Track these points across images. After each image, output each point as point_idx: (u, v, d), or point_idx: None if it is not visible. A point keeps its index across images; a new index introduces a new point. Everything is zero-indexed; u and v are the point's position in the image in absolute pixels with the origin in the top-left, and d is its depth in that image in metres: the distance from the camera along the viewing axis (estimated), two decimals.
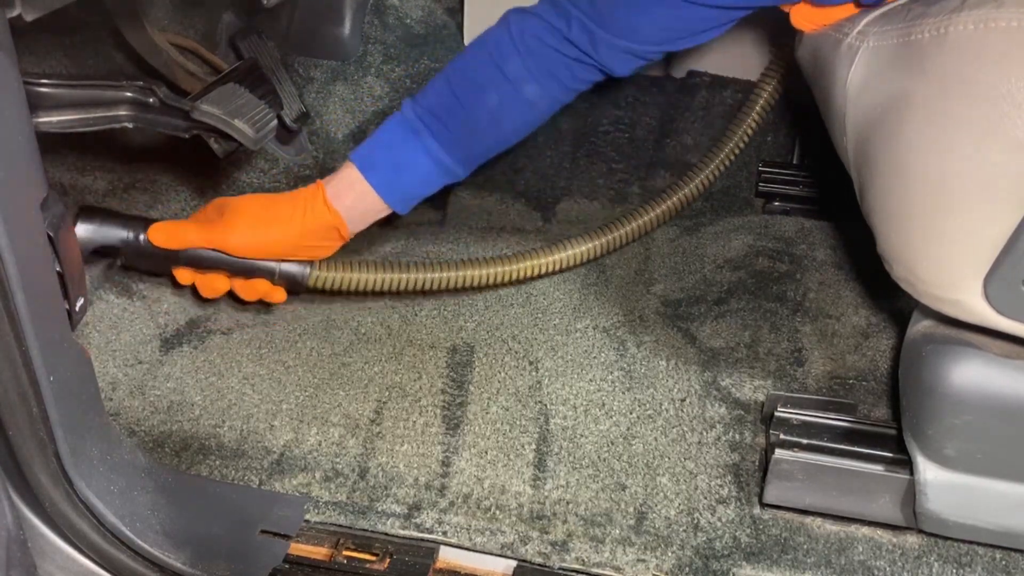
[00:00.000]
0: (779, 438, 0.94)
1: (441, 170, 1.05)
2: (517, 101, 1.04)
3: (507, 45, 1.02)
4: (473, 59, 1.04)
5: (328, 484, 0.97)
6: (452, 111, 1.03)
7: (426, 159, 1.04)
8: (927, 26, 0.79)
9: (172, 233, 1.02)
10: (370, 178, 1.04)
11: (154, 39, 1.24)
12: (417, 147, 1.04)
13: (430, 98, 1.04)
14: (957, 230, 0.79)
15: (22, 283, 0.69)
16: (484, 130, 1.05)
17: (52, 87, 0.94)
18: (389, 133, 1.05)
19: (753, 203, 1.35)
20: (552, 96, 1.05)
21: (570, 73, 1.03)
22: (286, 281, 1.07)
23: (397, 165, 1.04)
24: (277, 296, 1.09)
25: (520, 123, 1.07)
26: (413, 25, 1.57)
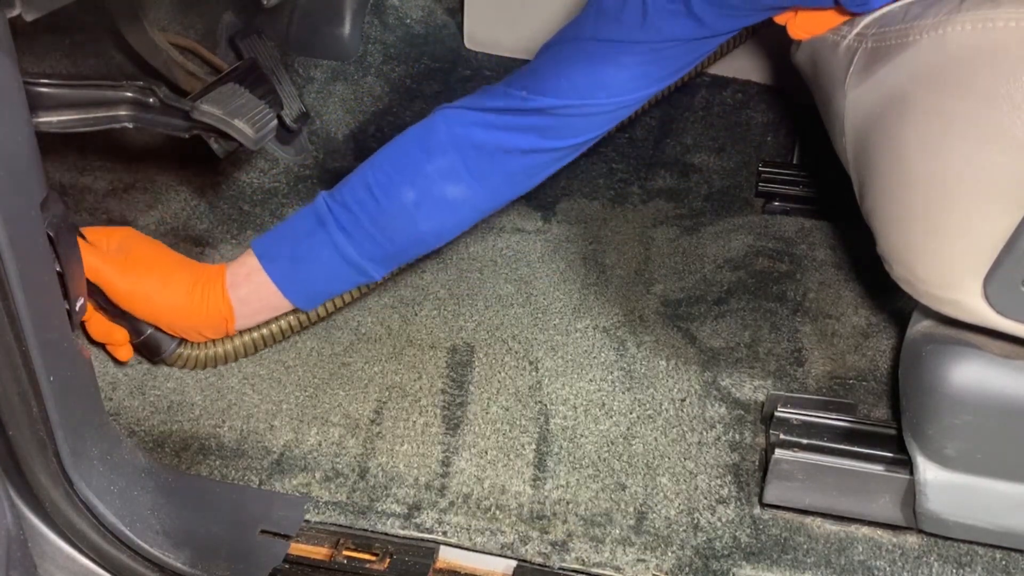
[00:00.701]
0: (779, 438, 0.94)
1: (350, 267, 0.97)
2: (437, 201, 0.96)
3: (434, 141, 0.95)
4: (395, 153, 0.97)
5: (328, 484, 0.97)
6: (365, 205, 0.95)
7: (331, 253, 0.96)
8: (925, 27, 0.79)
9: None
10: (268, 269, 0.96)
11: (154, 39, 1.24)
12: (323, 240, 0.96)
13: (344, 191, 0.96)
14: (957, 230, 0.79)
15: (22, 283, 0.69)
16: (398, 229, 0.96)
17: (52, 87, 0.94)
18: (296, 223, 0.98)
19: (753, 203, 1.35)
20: (476, 202, 0.98)
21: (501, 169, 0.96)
22: (147, 348, 1.00)
23: (299, 257, 0.97)
24: (122, 354, 1.00)
25: (439, 226, 0.98)
26: (413, 25, 1.57)
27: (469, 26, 1.54)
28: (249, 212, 1.30)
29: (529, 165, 0.98)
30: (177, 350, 1.02)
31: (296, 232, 0.98)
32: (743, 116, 1.46)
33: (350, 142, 1.43)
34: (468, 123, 0.95)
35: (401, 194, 0.95)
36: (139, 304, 0.95)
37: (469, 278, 1.21)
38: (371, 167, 0.97)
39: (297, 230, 0.98)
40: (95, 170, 1.32)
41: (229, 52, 1.37)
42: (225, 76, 1.11)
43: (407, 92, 1.49)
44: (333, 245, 0.96)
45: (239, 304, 0.98)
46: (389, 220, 0.96)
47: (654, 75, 0.94)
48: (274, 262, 0.97)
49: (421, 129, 0.97)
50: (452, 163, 0.95)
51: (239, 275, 0.97)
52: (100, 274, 0.93)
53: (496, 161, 0.96)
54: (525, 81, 0.95)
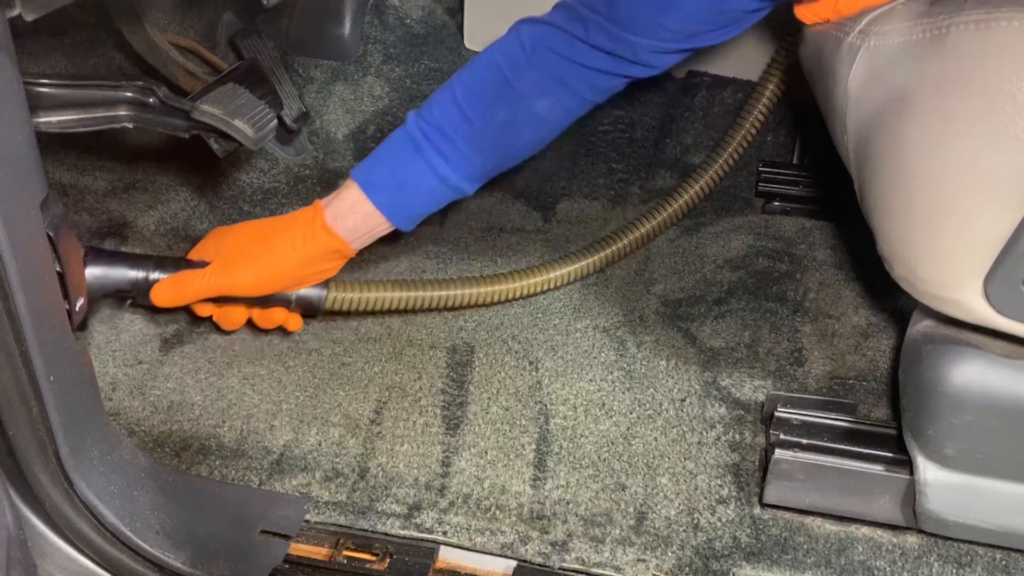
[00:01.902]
0: (779, 438, 0.94)
1: (447, 188, 1.01)
2: (529, 116, 0.99)
3: (519, 57, 0.97)
4: (482, 72, 0.99)
5: (328, 484, 0.97)
6: (458, 127, 0.98)
7: (431, 178, 1.00)
8: (928, 26, 0.79)
9: (177, 290, 1.00)
10: (374, 199, 1.00)
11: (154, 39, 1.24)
12: (422, 166, 0.99)
13: (435, 112, 0.99)
14: (957, 230, 0.79)
15: (22, 283, 0.69)
16: (493, 147, 1.00)
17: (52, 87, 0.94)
18: (392, 151, 1.01)
19: (753, 203, 1.34)
20: (566, 110, 1.00)
21: (588, 84, 0.98)
22: (302, 307, 1.06)
23: (401, 185, 1.00)
24: (294, 324, 1.08)
25: (532, 139, 1.03)
26: (413, 25, 1.57)
27: (469, 26, 1.54)
28: (249, 212, 1.30)
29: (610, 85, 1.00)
30: (330, 295, 1.06)
31: (395, 160, 1.00)
32: None
33: (350, 142, 1.43)
34: (552, 42, 0.96)
35: (494, 114, 0.97)
36: (261, 284, 1.00)
37: None
38: (461, 86, 0.99)
39: (396, 157, 1.00)
40: (95, 170, 1.32)
41: (229, 52, 1.37)
42: (225, 76, 1.11)
43: (407, 92, 1.49)
44: (433, 171, 0.99)
45: (347, 234, 1.01)
46: (484, 140, 0.99)
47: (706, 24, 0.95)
48: (378, 192, 0.99)
49: (505, 46, 0.99)
50: (539, 78, 0.97)
51: (343, 208, 1.00)
52: (218, 289, 0.99)
53: (581, 75, 0.98)
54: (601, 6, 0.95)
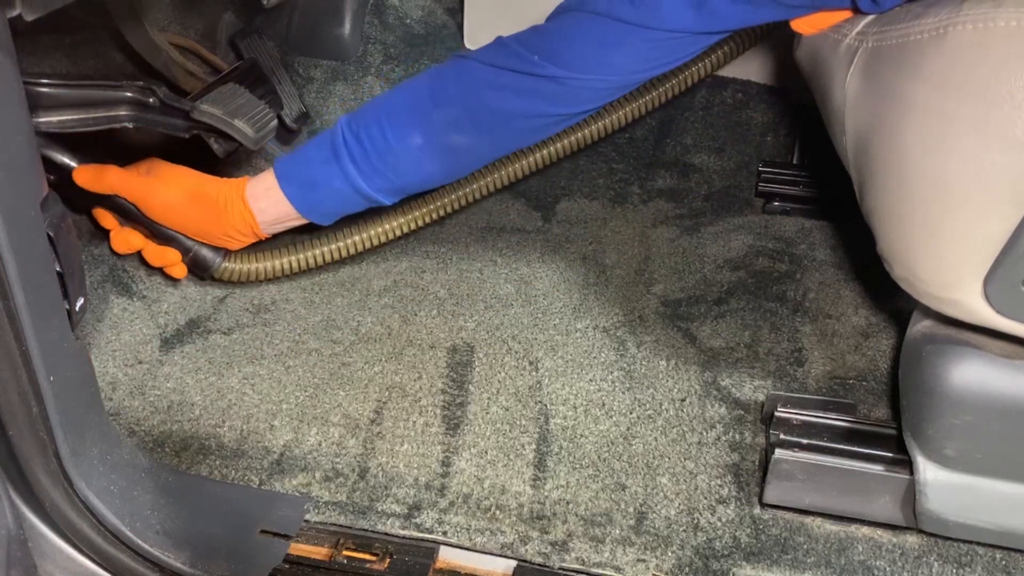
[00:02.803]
0: (779, 438, 0.94)
1: (359, 196, 1.05)
2: (442, 147, 1.02)
3: (440, 90, 1.00)
4: (409, 95, 1.02)
5: (328, 484, 0.97)
6: (376, 143, 1.01)
7: (343, 183, 1.03)
8: (926, 27, 0.79)
9: (96, 175, 1.03)
10: (284, 189, 1.04)
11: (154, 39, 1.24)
12: (335, 170, 1.03)
13: (361, 124, 1.02)
14: (957, 230, 0.79)
15: (22, 283, 0.69)
16: (406, 169, 1.03)
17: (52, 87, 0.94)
18: (313, 150, 1.05)
19: (753, 203, 1.35)
20: (479, 151, 1.03)
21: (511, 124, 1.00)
22: (195, 264, 1.10)
23: (312, 183, 1.04)
24: (178, 272, 1.11)
25: (444, 169, 1.05)
26: (413, 25, 1.57)
27: (469, 26, 1.54)
28: None
29: (533, 126, 1.03)
30: (223, 264, 1.11)
31: (312, 159, 1.04)
32: (743, 116, 1.45)
33: None
34: (479, 79, 0.98)
35: (409, 137, 1.00)
36: (173, 215, 1.04)
37: (469, 278, 1.21)
38: (387, 105, 1.03)
39: (313, 156, 1.04)
40: None
41: (229, 52, 1.37)
42: (225, 76, 1.11)
43: None
44: (344, 176, 1.02)
45: (259, 213, 1.05)
46: (396, 159, 1.02)
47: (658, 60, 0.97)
48: (290, 184, 1.04)
49: (434, 77, 1.02)
50: (459, 115, 0.99)
51: (258, 189, 1.05)
52: (134, 191, 1.03)
53: (501, 119, 1.00)
54: (538, 44, 0.97)
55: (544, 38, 0.98)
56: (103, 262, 1.17)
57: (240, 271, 1.13)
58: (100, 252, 1.18)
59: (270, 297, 1.18)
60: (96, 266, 1.16)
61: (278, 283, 1.19)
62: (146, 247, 1.09)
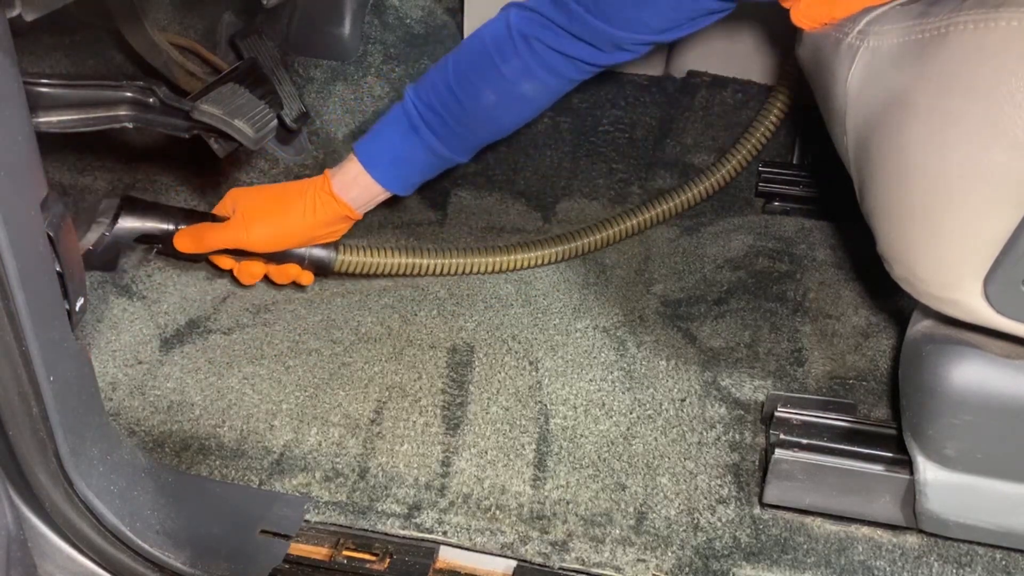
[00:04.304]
0: (779, 438, 0.94)
1: (441, 160, 1.10)
2: (515, 99, 1.06)
3: (506, 43, 1.03)
4: (472, 55, 1.06)
5: (328, 484, 0.97)
6: (450, 108, 1.05)
7: (426, 153, 1.08)
8: (927, 26, 0.79)
9: (196, 239, 1.08)
10: (373, 173, 1.08)
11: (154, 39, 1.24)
12: (417, 143, 1.07)
13: (430, 92, 1.07)
14: (957, 230, 0.79)
15: (22, 283, 0.69)
16: (482, 126, 1.08)
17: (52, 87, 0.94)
18: (390, 127, 1.09)
19: (753, 203, 1.34)
20: (550, 91, 1.07)
21: (572, 68, 1.05)
22: (314, 266, 1.13)
23: (397, 160, 1.09)
24: (306, 279, 1.15)
25: (518, 118, 1.10)
26: (413, 25, 1.57)
27: (469, 26, 1.54)
28: None
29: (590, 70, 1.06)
30: (339, 258, 1.14)
31: (392, 138, 1.09)
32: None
33: (350, 142, 1.43)
34: (536, 29, 1.02)
35: (482, 97, 1.05)
36: (274, 241, 1.09)
37: (469, 278, 1.21)
38: (453, 68, 1.05)
39: (393, 135, 1.09)
40: (95, 170, 1.32)
41: (229, 52, 1.37)
42: (225, 76, 1.11)
43: None
44: (426, 147, 1.08)
45: (352, 202, 1.10)
46: (473, 120, 1.07)
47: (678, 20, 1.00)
48: (377, 167, 1.09)
49: (494, 30, 1.05)
50: (526, 63, 1.03)
51: (346, 180, 1.09)
52: (236, 241, 1.08)
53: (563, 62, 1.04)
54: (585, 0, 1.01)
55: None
56: None
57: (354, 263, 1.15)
58: None
59: (270, 297, 1.18)
60: None
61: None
62: (269, 271, 1.14)
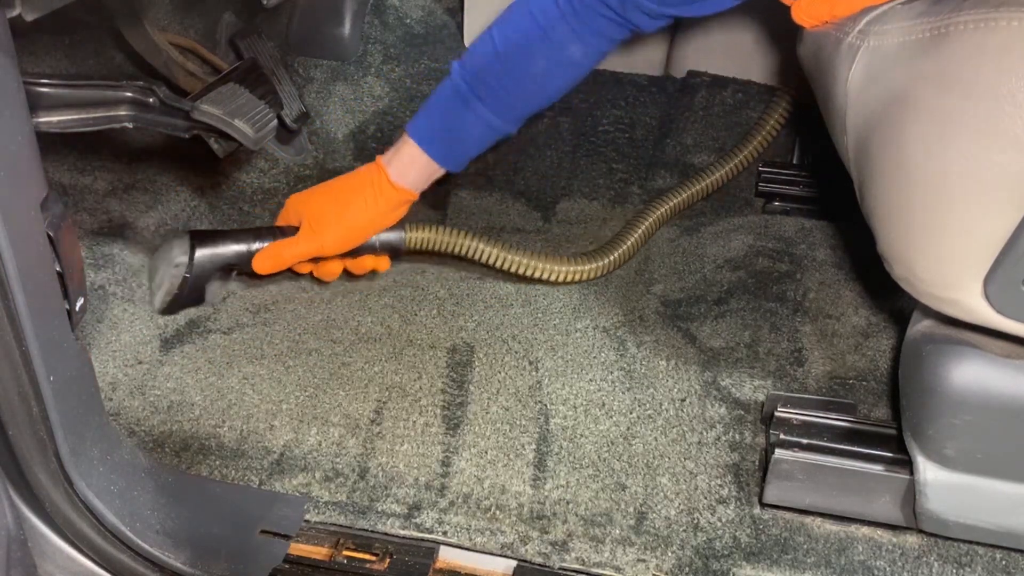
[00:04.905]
0: (779, 438, 0.94)
1: (493, 131, 1.11)
2: (563, 63, 1.08)
3: (552, 9, 1.05)
4: (519, 23, 1.07)
5: (328, 484, 0.97)
6: (501, 79, 1.07)
7: (479, 126, 1.10)
8: (928, 25, 0.79)
9: (275, 258, 1.10)
10: (430, 152, 1.10)
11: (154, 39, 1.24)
12: (471, 117, 1.09)
13: (478, 64, 1.08)
14: (957, 230, 0.79)
15: (22, 283, 0.69)
16: (532, 93, 1.10)
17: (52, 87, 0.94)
18: (442, 104, 1.10)
19: (753, 203, 1.35)
20: (597, 52, 1.09)
21: (614, 27, 1.06)
22: (387, 249, 1.15)
23: (453, 137, 1.11)
24: (383, 264, 1.17)
25: (566, 82, 1.11)
26: (413, 25, 1.57)
27: (469, 26, 1.54)
28: (249, 212, 1.30)
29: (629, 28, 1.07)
30: (407, 236, 1.15)
31: (446, 112, 1.10)
32: (743, 116, 1.45)
33: (350, 142, 1.43)
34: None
35: (531, 66, 1.07)
36: (345, 243, 1.11)
37: (469, 278, 1.21)
38: (501, 38, 1.07)
39: (446, 112, 1.10)
40: (95, 170, 1.32)
41: (229, 52, 1.37)
42: (225, 76, 1.11)
43: (407, 92, 1.49)
44: (479, 118, 1.09)
45: (411, 185, 1.11)
46: (522, 87, 1.08)
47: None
48: (433, 145, 1.10)
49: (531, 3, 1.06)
50: (570, 28, 1.05)
51: (403, 165, 1.10)
52: (309, 254, 1.10)
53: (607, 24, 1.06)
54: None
55: None
56: (106, 263, 1.17)
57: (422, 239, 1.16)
58: (103, 252, 1.18)
59: (270, 297, 1.18)
60: (97, 267, 1.16)
61: (278, 283, 1.19)
62: (347, 265, 1.15)
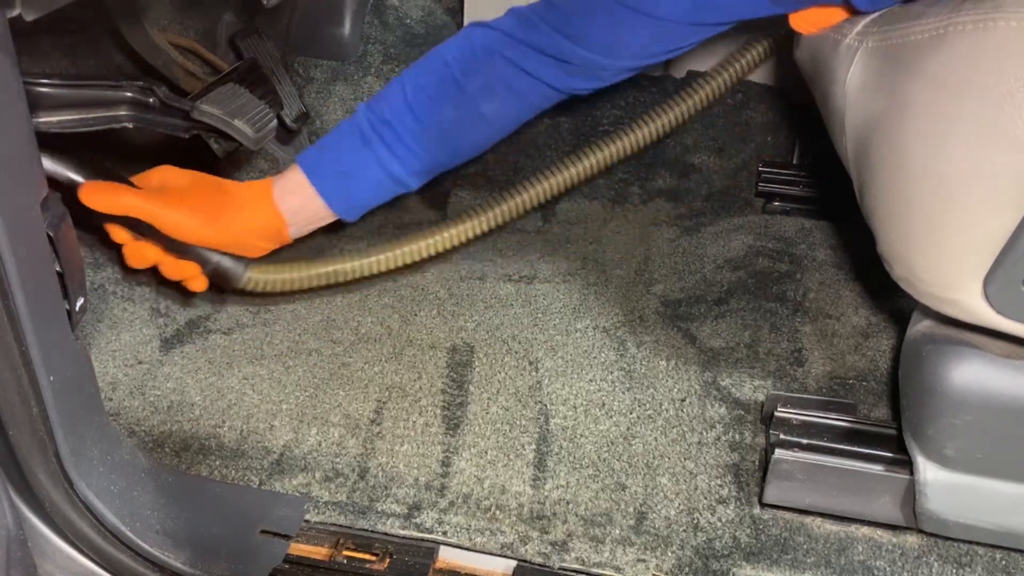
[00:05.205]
0: (779, 438, 0.94)
1: (392, 181, 1.02)
2: (476, 117, 1.00)
3: (469, 59, 0.99)
4: (432, 71, 1.00)
5: (328, 484, 0.97)
6: (406, 123, 0.99)
7: (376, 169, 1.00)
8: (926, 26, 0.79)
9: (108, 196, 0.94)
10: (317, 184, 1.00)
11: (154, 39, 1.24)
12: (368, 157, 1.00)
13: (385, 107, 1.00)
14: (957, 230, 0.79)
15: (22, 283, 0.69)
16: (438, 144, 1.01)
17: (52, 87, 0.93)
18: (340, 140, 1.01)
19: (753, 203, 1.35)
20: (514, 114, 1.02)
21: (537, 92, 1.00)
22: (218, 276, 1.02)
23: (345, 173, 1.01)
24: (198, 285, 1.03)
25: (477, 139, 1.03)
26: (413, 25, 1.57)
27: None
28: None
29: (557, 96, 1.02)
30: (248, 275, 1.02)
31: (341, 149, 1.01)
32: (743, 116, 1.46)
33: None
34: (504, 46, 0.98)
35: (441, 113, 0.99)
36: (192, 232, 0.98)
37: (469, 278, 1.21)
38: (411, 83, 1.00)
39: (342, 146, 1.01)
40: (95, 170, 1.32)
41: (229, 52, 1.37)
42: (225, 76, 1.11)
43: None
44: (378, 163, 1.00)
45: (290, 215, 1.01)
46: (430, 138, 1.00)
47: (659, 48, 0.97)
48: (321, 178, 1.01)
49: (457, 47, 1.00)
50: (488, 82, 0.99)
51: (287, 189, 1.01)
52: (147, 212, 0.95)
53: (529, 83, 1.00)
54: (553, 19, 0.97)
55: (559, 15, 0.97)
56: (105, 263, 1.17)
57: (266, 281, 1.04)
58: (103, 252, 1.18)
59: (270, 297, 1.18)
60: (97, 267, 1.16)
61: None
62: (163, 261, 1.01)
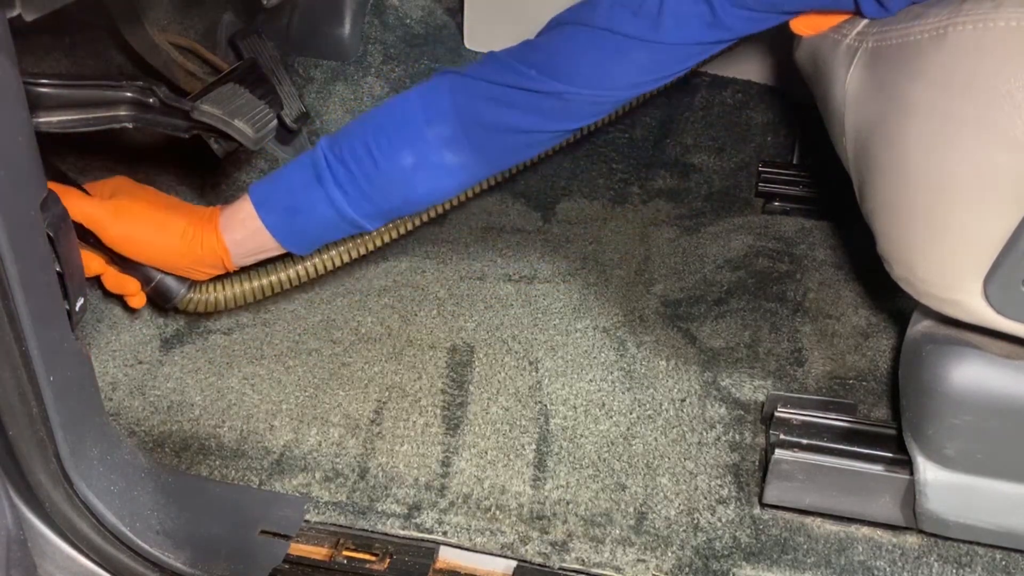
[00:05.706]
0: (779, 438, 0.94)
1: (344, 221, 0.98)
2: (434, 166, 0.96)
3: (443, 107, 0.95)
4: (398, 114, 0.97)
5: (328, 484, 0.97)
6: (362, 163, 0.95)
7: (327, 208, 0.97)
8: (926, 26, 0.79)
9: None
10: (265, 219, 0.98)
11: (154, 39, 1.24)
12: (320, 195, 0.96)
13: (344, 146, 0.96)
14: (957, 230, 0.79)
15: (22, 283, 0.69)
16: (394, 190, 0.97)
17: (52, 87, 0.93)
18: (293, 174, 0.98)
19: (753, 203, 1.35)
20: (473, 170, 0.98)
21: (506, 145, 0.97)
22: (156, 294, 1.03)
23: (295, 209, 0.98)
24: (136, 301, 1.04)
25: (434, 189, 0.99)
26: (413, 25, 1.57)
27: (469, 26, 1.54)
28: None
29: (529, 142, 0.99)
30: (187, 295, 1.04)
31: (293, 183, 0.98)
32: (743, 116, 1.46)
33: None
34: (474, 95, 0.95)
35: (400, 158, 0.95)
36: (135, 247, 0.97)
37: (469, 278, 1.21)
38: (372, 125, 0.97)
39: (294, 181, 0.98)
40: (95, 170, 1.32)
41: (229, 52, 1.36)
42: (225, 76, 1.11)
43: None
44: (329, 201, 0.96)
45: (233, 245, 0.99)
46: (386, 182, 0.96)
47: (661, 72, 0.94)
48: (269, 212, 0.98)
49: (424, 94, 0.97)
50: (454, 132, 0.95)
51: (234, 220, 0.99)
52: (93, 220, 0.95)
53: (497, 135, 0.96)
54: (534, 59, 0.94)
55: (540, 52, 0.94)
56: None
57: (205, 301, 1.06)
58: None
59: (270, 298, 1.18)
60: None
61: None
62: (105, 273, 1.00)
